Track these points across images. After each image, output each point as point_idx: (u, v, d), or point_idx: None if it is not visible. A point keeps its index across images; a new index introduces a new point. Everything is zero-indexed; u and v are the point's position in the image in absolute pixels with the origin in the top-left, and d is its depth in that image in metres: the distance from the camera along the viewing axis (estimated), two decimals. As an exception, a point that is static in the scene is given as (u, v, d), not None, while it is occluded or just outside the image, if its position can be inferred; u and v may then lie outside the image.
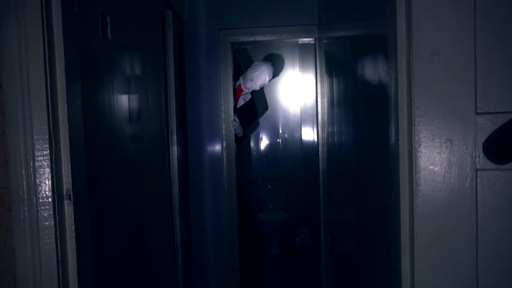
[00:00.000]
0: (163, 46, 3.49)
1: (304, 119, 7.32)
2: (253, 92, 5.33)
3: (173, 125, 3.72)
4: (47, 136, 1.59)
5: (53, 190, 1.61)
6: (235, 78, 5.03)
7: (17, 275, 1.65)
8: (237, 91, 5.05)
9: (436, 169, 1.44)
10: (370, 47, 2.03)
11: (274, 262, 6.62)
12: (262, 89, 6.85)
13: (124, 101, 2.43)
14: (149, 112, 2.93)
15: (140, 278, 2.65)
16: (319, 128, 4.50)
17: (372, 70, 1.94)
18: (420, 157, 1.44)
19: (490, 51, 1.40)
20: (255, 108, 5.49)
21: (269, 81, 5.16)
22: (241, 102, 5.18)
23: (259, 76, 4.96)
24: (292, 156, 7.45)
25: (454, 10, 1.41)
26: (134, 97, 2.61)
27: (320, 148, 4.55)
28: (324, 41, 4.16)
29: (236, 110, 4.99)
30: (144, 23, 2.96)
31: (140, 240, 2.70)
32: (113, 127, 2.26)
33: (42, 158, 1.59)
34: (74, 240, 1.68)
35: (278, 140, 7.49)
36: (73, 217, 1.67)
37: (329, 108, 3.87)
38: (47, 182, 1.60)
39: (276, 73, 6.59)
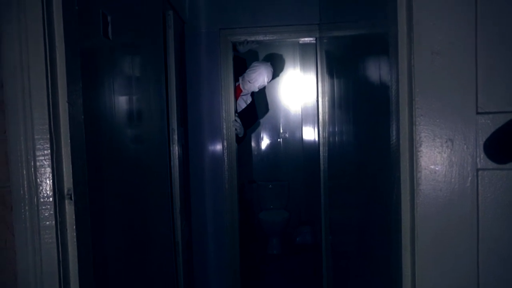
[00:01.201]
0: (164, 45, 3.49)
1: (305, 118, 7.31)
2: (253, 94, 5.28)
3: (174, 124, 3.72)
4: (48, 136, 1.59)
5: (54, 189, 1.61)
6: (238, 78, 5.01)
7: (18, 275, 1.65)
8: (236, 93, 5.01)
9: (437, 168, 1.44)
10: (371, 46, 2.03)
11: (275, 262, 6.62)
12: (263, 90, 6.82)
13: (125, 100, 2.43)
14: (150, 111, 2.93)
15: (141, 277, 2.65)
16: (320, 128, 4.50)
17: (373, 70, 1.94)
18: (421, 156, 1.44)
19: (491, 51, 1.40)
20: (255, 111, 5.43)
21: (268, 82, 5.07)
22: (241, 104, 5.12)
23: (257, 78, 4.88)
24: (293, 155, 7.45)
25: (455, 9, 1.41)
26: (135, 96, 2.61)
27: (321, 148, 4.54)
28: (325, 40, 4.16)
29: (238, 113, 4.97)
30: (145, 23, 2.96)
31: (141, 239, 2.70)
32: (114, 126, 2.26)
33: (43, 157, 1.60)
34: (75, 239, 1.68)
35: (279, 139, 7.49)
36: (74, 217, 1.67)
37: (330, 108, 3.87)
38: (48, 181, 1.60)
39: (276, 73, 6.53)
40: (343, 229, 3.25)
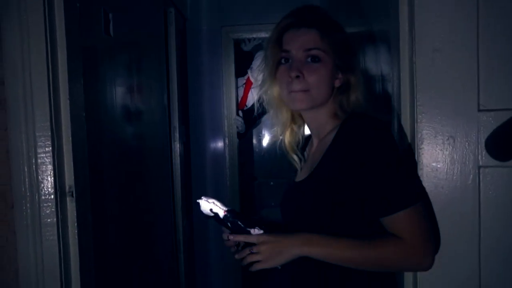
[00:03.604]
0: (165, 42, 3.48)
1: (306, 115, 7.28)
2: None
3: (175, 122, 3.71)
4: (49, 133, 1.59)
5: (55, 187, 1.61)
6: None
7: (19, 272, 1.65)
8: (247, 86, 4.97)
9: (438, 166, 1.43)
10: (373, 44, 2.02)
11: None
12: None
13: (126, 97, 2.43)
14: (151, 108, 2.92)
15: (142, 275, 2.65)
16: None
17: (375, 67, 1.94)
18: (422, 154, 1.44)
19: (492, 48, 1.39)
20: None
21: None
22: (254, 96, 5.03)
23: None
24: (294, 152, 7.41)
25: (456, 7, 1.40)
26: (136, 94, 2.61)
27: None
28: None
29: (248, 108, 4.93)
30: (147, 20, 2.95)
31: (142, 236, 2.70)
32: (115, 123, 2.26)
33: (44, 155, 1.59)
34: (76, 237, 1.68)
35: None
36: (75, 214, 1.67)
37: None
38: (49, 179, 1.60)
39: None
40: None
